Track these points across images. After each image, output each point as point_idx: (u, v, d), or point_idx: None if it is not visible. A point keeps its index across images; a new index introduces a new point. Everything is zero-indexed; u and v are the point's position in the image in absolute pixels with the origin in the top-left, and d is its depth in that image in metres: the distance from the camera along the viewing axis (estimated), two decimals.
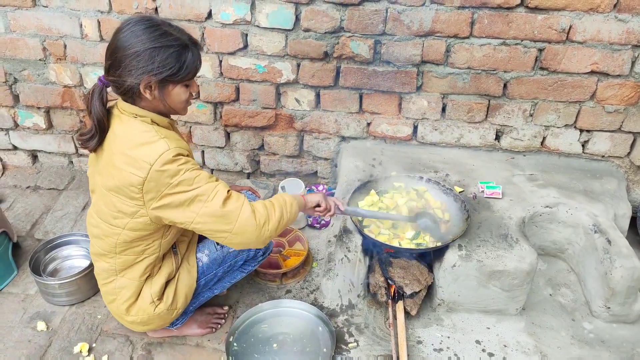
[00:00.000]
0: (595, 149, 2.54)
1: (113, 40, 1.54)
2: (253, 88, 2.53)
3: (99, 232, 1.72)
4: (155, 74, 1.52)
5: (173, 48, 1.53)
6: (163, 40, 1.52)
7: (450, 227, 2.15)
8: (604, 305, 2.07)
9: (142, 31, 1.51)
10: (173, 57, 1.53)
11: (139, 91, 1.55)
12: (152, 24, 1.53)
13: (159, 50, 1.51)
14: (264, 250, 1.94)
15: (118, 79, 1.53)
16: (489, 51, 2.31)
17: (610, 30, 2.21)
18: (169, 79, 1.55)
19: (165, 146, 1.53)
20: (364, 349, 1.99)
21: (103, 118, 1.58)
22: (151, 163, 1.51)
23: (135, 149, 1.54)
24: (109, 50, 1.55)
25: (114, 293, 1.81)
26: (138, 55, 1.50)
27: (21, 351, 1.96)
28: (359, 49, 2.35)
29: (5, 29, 2.50)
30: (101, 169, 1.65)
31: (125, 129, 1.59)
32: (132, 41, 1.50)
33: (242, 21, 2.34)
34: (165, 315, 1.84)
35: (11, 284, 2.25)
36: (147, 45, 1.50)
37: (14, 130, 2.85)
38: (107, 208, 1.65)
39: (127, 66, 1.51)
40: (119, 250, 1.72)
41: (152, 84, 1.54)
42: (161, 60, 1.51)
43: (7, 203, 2.72)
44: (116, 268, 1.77)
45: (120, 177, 1.56)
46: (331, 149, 2.70)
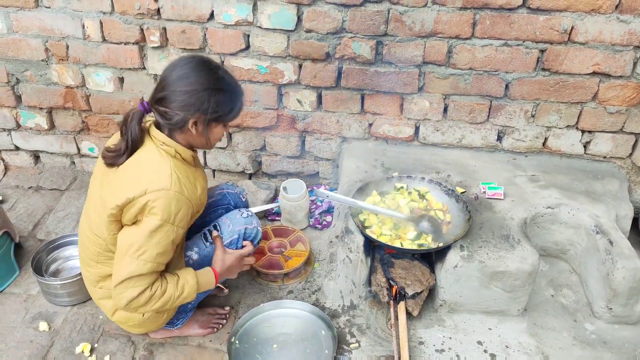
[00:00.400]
0: (597, 149, 2.54)
1: (169, 74, 1.61)
2: (255, 89, 2.54)
3: (85, 239, 1.75)
4: (208, 113, 1.60)
5: (228, 93, 1.65)
6: (220, 84, 1.63)
7: (452, 227, 2.16)
8: (606, 306, 2.07)
9: (202, 71, 1.60)
10: (226, 100, 1.64)
11: (185, 126, 1.62)
12: (211, 66, 1.63)
13: (216, 92, 1.61)
14: (252, 240, 1.91)
15: (169, 111, 1.59)
16: (491, 52, 2.31)
17: (612, 31, 2.21)
18: (217, 119, 1.65)
19: (168, 184, 1.56)
20: (365, 349, 1.99)
21: (138, 140, 1.64)
22: (145, 192, 1.55)
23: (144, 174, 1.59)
24: (163, 82, 1.61)
25: (98, 304, 1.85)
26: (196, 93, 1.58)
27: (23, 351, 1.96)
28: (361, 50, 2.36)
29: (7, 29, 2.50)
30: (109, 180, 1.67)
31: (145, 154, 1.64)
32: (191, 79, 1.58)
33: (244, 22, 2.34)
34: (155, 318, 1.83)
35: (13, 284, 2.26)
36: (206, 86, 1.59)
37: (16, 130, 2.85)
38: (97, 216, 1.68)
39: (183, 102, 1.58)
40: (101, 259, 1.74)
41: (200, 121, 1.62)
42: (216, 102, 1.61)
43: (9, 203, 2.72)
44: (95, 278, 1.78)
45: (114, 191, 1.60)
46: (333, 150, 2.70)
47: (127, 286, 1.58)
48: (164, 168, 1.60)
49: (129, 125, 1.62)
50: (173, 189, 1.56)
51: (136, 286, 1.59)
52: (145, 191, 1.55)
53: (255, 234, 1.91)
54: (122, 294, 1.59)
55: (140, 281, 1.59)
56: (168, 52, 2.47)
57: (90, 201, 1.76)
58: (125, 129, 1.63)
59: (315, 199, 2.71)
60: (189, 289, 1.69)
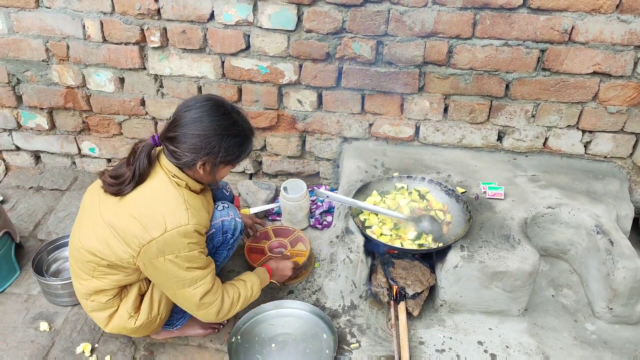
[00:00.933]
0: (597, 149, 2.54)
1: (183, 115, 1.63)
2: (255, 89, 2.54)
3: (79, 255, 1.72)
4: (217, 156, 1.64)
5: (239, 138, 1.68)
6: (232, 129, 1.65)
7: (452, 228, 2.16)
8: (607, 306, 2.07)
9: (215, 116, 1.63)
10: (237, 145, 1.67)
11: (194, 166, 1.65)
12: (225, 110, 1.66)
13: (227, 138, 1.64)
14: (232, 232, 1.91)
15: (179, 152, 1.63)
16: (491, 52, 2.31)
17: (613, 31, 2.20)
18: (225, 162, 1.69)
19: (186, 219, 1.61)
20: (366, 349, 1.99)
21: (145, 173, 1.65)
22: (167, 229, 1.58)
23: (160, 208, 1.61)
24: (176, 122, 1.63)
25: (91, 316, 1.83)
26: (207, 138, 1.61)
27: (24, 351, 1.97)
28: (361, 50, 2.35)
29: (8, 30, 2.51)
30: (113, 206, 1.66)
31: (159, 185, 1.66)
32: (204, 123, 1.61)
33: (245, 22, 2.34)
34: (149, 324, 1.83)
35: (14, 284, 2.26)
36: (218, 132, 1.62)
37: (17, 131, 2.86)
38: (94, 237, 1.67)
39: (193, 145, 1.61)
40: (96, 274, 1.72)
41: (209, 163, 1.66)
42: (226, 147, 1.64)
43: (10, 203, 2.73)
44: (87, 291, 1.77)
45: (131, 225, 1.60)
46: (333, 150, 2.70)
47: (207, 305, 1.72)
48: (179, 203, 1.63)
49: (138, 157, 1.63)
50: (191, 222, 1.61)
51: (214, 301, 1.72)
52: (165, 229, 1.58)
53: (233, 225, 1.89)
54: (208, 312, 1.74)
55: (212, 295, 1.72)
56: (168, 53, 2.47)
57: (88, 219, 1.72)
58: (133, 159, 1.64)
59: (316, 199, 2.72)
60: (256, 288, 1.88)
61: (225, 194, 2.13)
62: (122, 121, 2.74)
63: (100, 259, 1.67)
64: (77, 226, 1.78)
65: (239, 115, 1.70)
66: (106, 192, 1.68)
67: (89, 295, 1.77)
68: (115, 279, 1.72)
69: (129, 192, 1.64)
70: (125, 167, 1.65)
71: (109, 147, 2.84)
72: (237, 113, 1.69)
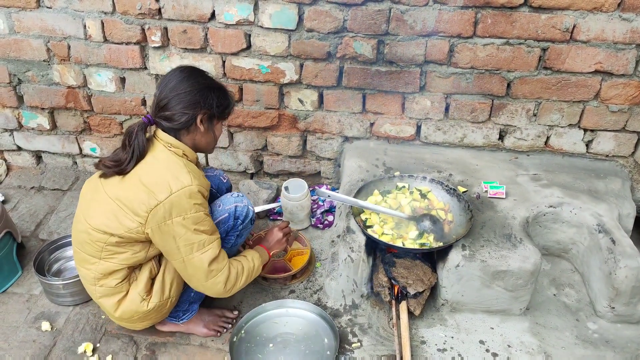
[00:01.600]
0: (599, 148, 2.54)
1: (166, 84, 1.73)
2: (256, 88, 2.54)
3: (86, 237, 1.74)
4: (213, 107, 1.76)
5: (222, 89, 1.82)
6: (214, 83, 1.80)
7: (453, 227, 2.15)
8: (609, 305, 2.07)
9: (196, 74, 1.76)
10: (224, 96, 1.81)
11: (194, 124, 1.75)
12: (198, 70, 1.80)
13: (213, 89, 1.77)
14: (243, 219, 1.94)
15: (176, 114, 1.71)
16: (493, 51, 2.30)
17: (614, 29, 2.20)
18: (219, 115, 1.80)
19: (189, 180, 1.67)
20: (367, 349, 1.99)
21: (145, 148, 1.72)
22: (172, 191, 1.64)
23: (163, 174, 1.67)
24: (163, 92, 1.73)
25: (99, 303, 1.85)
26: (199, 91, 1.72)
27: (26, 351, 1.97)
28: (362, 49, 2.35)
29: (9, 30, 2.51)
30: (114, 180, 1.72)
31: (158, 155, 1.73)
32: (191, 81, 1.73)
33: (245, 22, 2.34)
34: (160, 307, 1.85)
35: (16, 284, 2.26)
36: (205, 85, 1.75)
37: (18, 131, 2.86)
38: (102, 214, 1.71)
39: (188, 101, 1.71)
40: (104, 255, 1.74)
41: (206, 117, 1.76)
42: (217, 98, 1.77)
43: (11, 203, 2.73)
44: (95, 275, 1.78)
45: (137, 193, 1.66)
46: (334, 149, 2.70)
47: (216, 273, 1.75)
48: (180, 167, 1.69)
49: (136, 136, 1.69)
50: (194, 183, 1.68)
51: (221, 268, 1.77)
52: (171, 192, 1.64)
53: (245, 212, 1.93)
54: (216, 282, 1.77)
55: (219, 262, 1.76)
56: (169, 52, 2.47)
57: (92, 202, 1.76)
58: (129, 140, 1.70)
59: (317, 198, 2.71)
60: (257, 262, 1.92)
61: (223, 180, 2.16)
62: (123, 121, 2.74)
63: (110, 236, 1.70)
64: (80, 213, 1.80)
65: (209, 74, 1.84)
66: (108, 177, 1.74)
67: (97, 280, 1.78)
68: (124, 258, 1.75)
69: (131, 169, 1.70)
70: (122, 151, 1.72)
71: (110, 147, 2.84)
72: (205, 72, 1.83)
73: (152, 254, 1.79)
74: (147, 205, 1.64)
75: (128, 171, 1.70)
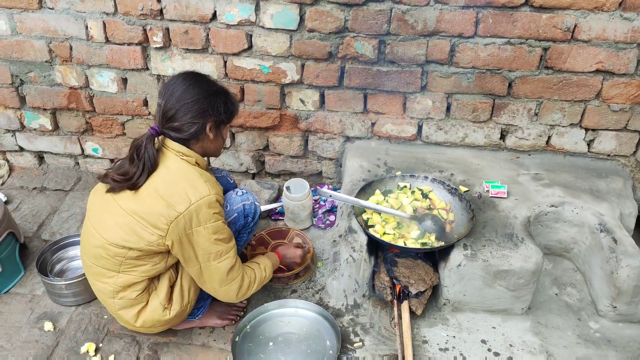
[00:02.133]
0: (600, 148, 2.54)
1: (170, 95, 1.70)
2: (258, 89, 2.54)
3: (103, 252, 1.73)
4: (220, 114, 1.75)
5: (226, 93, 1.80)
6: (217, 87, 1.77)
7: (455, 226, 2.15)
8: (610, 304, 2.07)
9: (199, 81, 1.73)
10: (229, 100, 1.79)
11: (203, 133, 1.73)
12: (202, 76, 1.77)
13: (219, 95, 1.75)
14: (253, 216, 1.98)
15: (185, 124, 1.69)
16: (494, 50, 2.30)
17: (616, 28, 2.20)
18: (225, 119, 1.79)
19: (207, 190, 1.67)
20: (369, 348, 1.99)
21: (156, 161, 1.70)
22: (192, 202, 1.64)
23: (180, 185, 1.67)
24: (168, 104, 1.70)
25: (118, 315, 1.84)
26: (206, 99, 1.70)
27: (28, 351, 1.97)
28: (364, 49, 2.36)
29: (11, 31, 2.51)
30: (131, 196, 1.69)
31: (172, 165, 1.71)
32: (196, 89, 1.70)
33: (247, 22, 2.35)
34: (181, 313, 1.87)
35: (18, 284, 2.27)
36: (210, 92, 1.73)
37: (21, 131, 2.87)
38: (119, 229, 1.69)
39: (196, 110, 1.69)
40: (123, 268, 1.74)
41: (214, 124, 1.75)
42: (224, 102, 1.76)
43: (14, 204, 2.74)
44: (114, 289, 1.78)
45: (155, 206, 1.64)
46: (336, 149, 2.70)
47: (230, 281, 1.78)
48: (197, 177, 1.69)
49: (145, 149, 1.66)
50: (212, 192, 1.68)
51: (235, 277, 1.79)
52: (190, 203, 1.64)
53: (254, 209, 1.96)
54: (230, 289, 1.80)
55: (235, 271, 1.79)
56: (171, 53, 2.48)
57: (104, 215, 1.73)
58: (138, 153, 1.67)
59: (319, 198, 2.72)
60: (269, 270, 1.96)
61: (230, 182, 2.17)
62: (125, 121, 2.74)
63: (129, 250, 1.69)
64: (91, 226, 1.77)
65: (211, 78, 1.82)
66: (116, 191, 1.71)
67: (117, 292, 1.78)
68: (144, 270, 1.75)
69: (142, 183, 1.68)
70: (130, 164, 1.68)
71: (112, 147, 2.85)
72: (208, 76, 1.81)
73: (171, 263, 1.80)
74: (167, 218, 1.63)
75: (140, 185, 1.67)
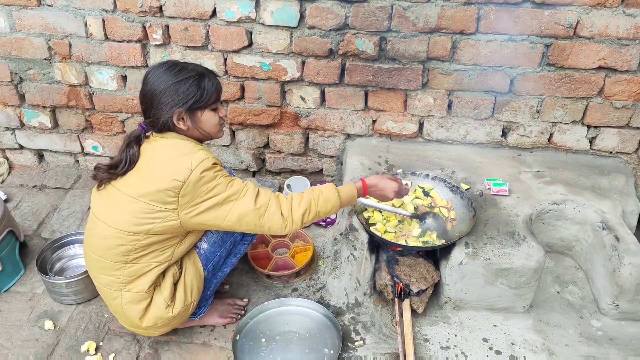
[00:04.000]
0: (603, 145, 2.52)
1: (143, 87, 1.74)
2: (258, 86, 2.53)
3: (113, 242, 1.73)
4: (181, 104, 1.70)
5: (192, 79, 1.72)
6: (181, 74, 1.72)
7: (456, 224, 2.15)
8: (612, 302, 2.06)
9: (163, 72, 1.72)
10: (193, 86, 1.72)
11: (173, 124, 1.72)
12: (170, 64, 1.74)
13: (180, 83, 1.70)
14: None
15: (153, 119, 1.72)
16: (495, 47, 2.29)
17: (618, 25, 2.19)
18: (195, 106, 1.73)
19: (204, 155, 1.69)
20: (370, 347, 1.99)
21: (136, 157, 1.73)
22: (192, 168, 1.65)
23: (176, 157, 1.68)
24: (141, 97, 1.76)
25: (121, 310, 1.83)
26: (164, 92, 1.69)
27: (29, 350, 1.97)
28: (364, 46, 2.34)
29: (10, 28, 2.50)
30: (128, 181, 1.72)
31: (165, 142, 1.74)
32: (157, 82, 1.70)
33: (247, 19, 2.33)
34: (184, 312, 1.86)
35: (18, 283, 2.26)
36: (170, 82, 1.70)
37: (20, 129, 2.86)
38: (129, 215, 1.70)
39: (158, 104, 1.70)
40: (132, 257, 1.74)
41: (182, 114, 1.72)
42: (184, 91, 1.70)
43: (13, 202, 2.73)
44: (122, 280, 1.77)
45: (157, 182, 1.66)
46: (336, 147, 2.69)
47: (264, 208, 1.72)
48: (192, 146, 1.72)
49: (128, 147, 1.73)
50: (210, 156, 1.70)
51: (267, 201, 1.72)
52: (191, 169, 1.65)
53: None
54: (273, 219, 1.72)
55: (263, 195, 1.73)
56: (171, 50, 2.47)
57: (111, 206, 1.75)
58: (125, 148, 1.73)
59: None
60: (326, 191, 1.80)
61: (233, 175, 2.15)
62: (124, 119, 2.74)
63: (142, 235, 1.70)
64: (98, 219, 1.78)
65: (187, 64, 1.77)
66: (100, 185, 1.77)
67: (125, 284, 1.78)
68: (153, 256, 1.75)
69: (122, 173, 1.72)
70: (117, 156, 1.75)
71: (112, 145, 2.84)
72: (179, 63, 1.76)
73: (178, 254, 1.80)
74: (173, 191, 1.64)
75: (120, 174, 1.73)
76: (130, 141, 1.73)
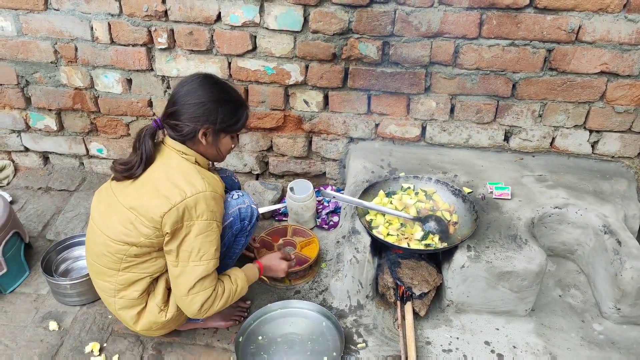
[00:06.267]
0: (605, 149, 2.53)
1: (178, 90, 1.73)
2: (262, 90, 2.55)
3: (104, 249, 1.74)
4: (216, 123, 1.72)
5: (233, 104, 1.77)
6: (225, 96, 1.75)
7: (459, 228, 2.15)
8: (614, 306, 2.06)
9: (208, 85, 1.73)
10: (232, 111, 1.76)
11: (196, 137, 1.73)
12: (216, 81, 1.77)
13: (222, 104, 1.73)
14: (249, 219, 1.92)
15: (180, 124, 1.71)
16: (498, 52, 2.30)
17: (620, 30, 2.20)
18: (225, 129, 1.77)
19: (204, 186, 1.67)
20: (372, 349, 1.99)
21: (151, 154, 1.73)
22: (187, 195, 1.64)
23: (177, 180, 1.68)
24: (174, 98, 1.74)
25: (117, 314, 1.85)
26: (203, 105, 1.70)
27: (33, 350, 1.98)
28: (368, 50, 2.36)
29: (17, 32, 2.53)
30: (129, 190, 1.72)
31: (171, 162, 1.73)
32: (198, 93, 1.71)
33: (251, 23, 2.35)
34: (177, 316, 1.86)
35: (23, 284, 2.28)
36: (212, 98, 1.71)
37: (26, 132, 2.88)
38: (120, 225, 1.71)
39: (192, 114, 1.70)
40: (123, 266, 1.75)
41: (209, 131, 1.73)
42: (223, 113, 1.73)
43: (19, 204, 2.75)
44: (115, 287, 1.79)
45: (151, 199, 1.66)
46: (339, 150, 2.71)
47: (199, 290, 1.71)
48: (193, 173, 1.70)
49: (143, 140, 1.71)
50: (208, 190, 1.68)
51: (206, 288, 1.71)
52: (184, 197, 1.64)
53: (250, 212, 1.90)
54: (194, 300, 1.71)
55: (208, 282, 1.72)
56: (175, 54, 2.49)
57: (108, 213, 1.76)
58: (138, 144, 1.71)
59: (322, 199, 2.72)
60: (241, 283, 1.84)
61: (235, 181, 2.17)
62: (129, 122, 2.76)
63: (130, 246, 1.70)
64: (94, 225, 1.79)
65: (229, 86, 1.80)
66: (118, 180, 1.76)
67: (118, 291, 1.79)
68: (144, 267, 1.76)
69: (140, 174, 1.72)
70: (133, 153, 1.74)
71: (116, 148, 2.86)
72: (228, 85, 1.79)
73: None
74: (161, 210, 1.63)
75: (138, 175, 1.71)
76: (145, 136, 1.72)
